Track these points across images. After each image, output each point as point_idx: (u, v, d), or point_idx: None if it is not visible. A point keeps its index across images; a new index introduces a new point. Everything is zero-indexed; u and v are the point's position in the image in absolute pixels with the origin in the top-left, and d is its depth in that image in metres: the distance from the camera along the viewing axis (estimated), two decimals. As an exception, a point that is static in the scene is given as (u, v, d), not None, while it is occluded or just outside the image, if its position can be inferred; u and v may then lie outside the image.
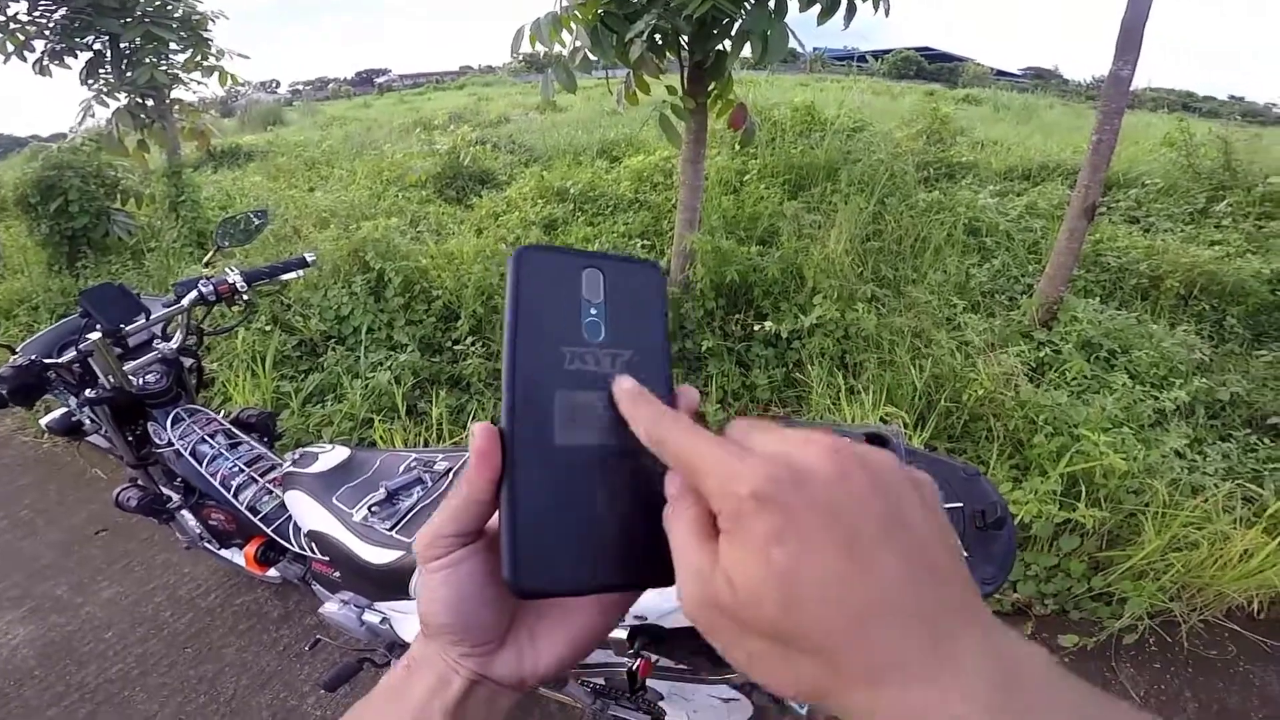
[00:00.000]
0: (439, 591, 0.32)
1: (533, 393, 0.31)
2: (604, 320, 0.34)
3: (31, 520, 2.65)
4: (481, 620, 0.33)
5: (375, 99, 22.51)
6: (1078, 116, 9.79)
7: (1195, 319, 3.14)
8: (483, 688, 0.34)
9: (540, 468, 0.31)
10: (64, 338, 1.47)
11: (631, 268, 0.35)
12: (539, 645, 0.34)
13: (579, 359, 0.32)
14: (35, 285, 4.45)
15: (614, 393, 0.32)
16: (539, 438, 0.31)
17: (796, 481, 0.24)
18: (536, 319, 0.32)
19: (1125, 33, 2.57)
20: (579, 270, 0.34)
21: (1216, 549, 1.88)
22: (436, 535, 0.32)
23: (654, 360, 0.34)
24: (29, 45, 4.76)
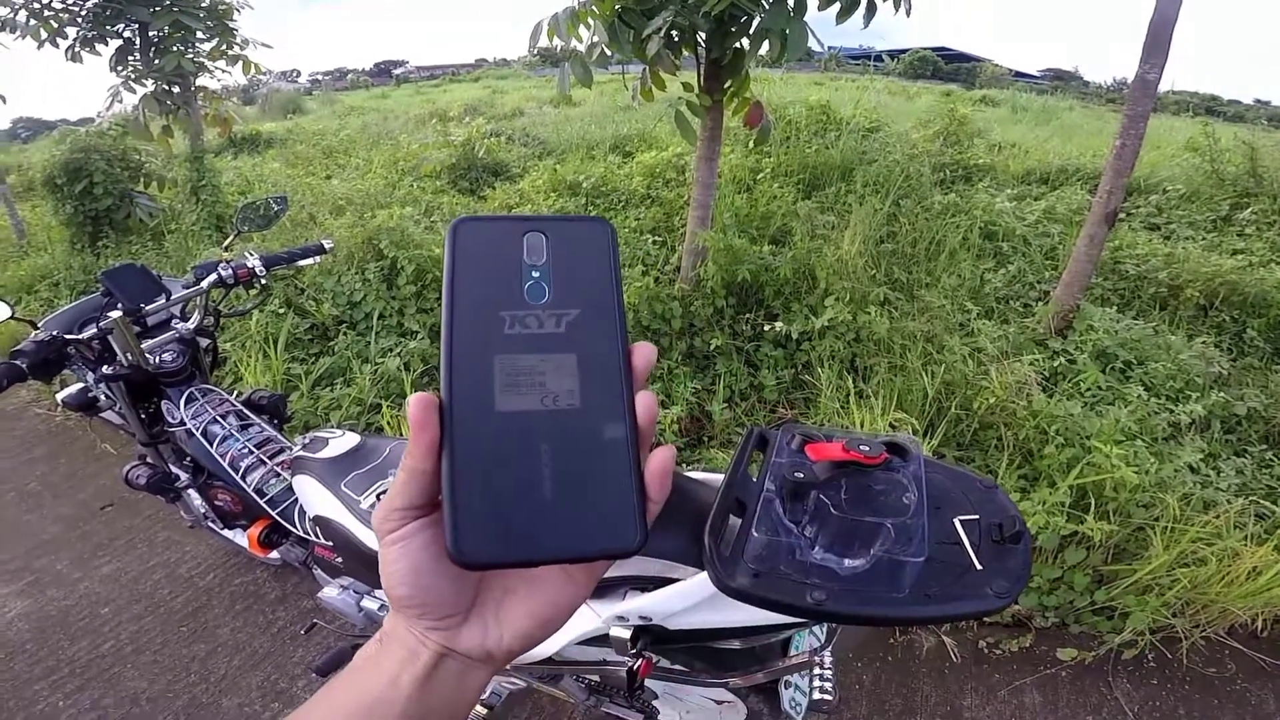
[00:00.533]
0: (396, 565, 0.32)
1: (469, 359, 0.31)
2: (548, 281, 0.32)
3: (39, 493, 2.69)
4: (441, 593, 0.33)
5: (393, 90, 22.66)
6: (1098, 119, 9.67)
7: (1215, 330, 3.09)
8: (451, 660, 0.34)
9: (480, 435, 0.30)
10: (85, 315, 1.49)
11: (578, 226, 0.34)
12: (504, 619, 0.34)
13: (520, 323, 0.32)
14: (57, 263, 4.55)
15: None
16: (478, 405, 0.30)
17: None
18: (473, 286, 0.32)
19: (1153, 35, 2.52)
20: (519, 234, 0.33)
21: (1225, 565, 1.85)
22: (389, 509, 0.32)
23: (604, 317, 0.33)
24: (62, 32, 4.87)
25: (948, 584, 0.54)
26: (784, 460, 0.55)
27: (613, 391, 0.32)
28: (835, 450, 0.55)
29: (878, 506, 0.53)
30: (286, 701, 1.78)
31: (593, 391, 0.31)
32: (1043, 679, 1.80)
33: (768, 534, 0.53)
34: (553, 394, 0.31)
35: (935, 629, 1.93)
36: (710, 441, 2.54)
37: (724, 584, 0.53)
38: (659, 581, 0.79)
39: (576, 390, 0.31)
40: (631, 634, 0.80)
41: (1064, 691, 1.77)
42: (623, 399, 0.32)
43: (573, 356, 0.32)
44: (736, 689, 1.13)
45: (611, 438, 0.31)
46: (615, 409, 0.32)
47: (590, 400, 0.31)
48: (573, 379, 0.31)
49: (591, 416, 0.31)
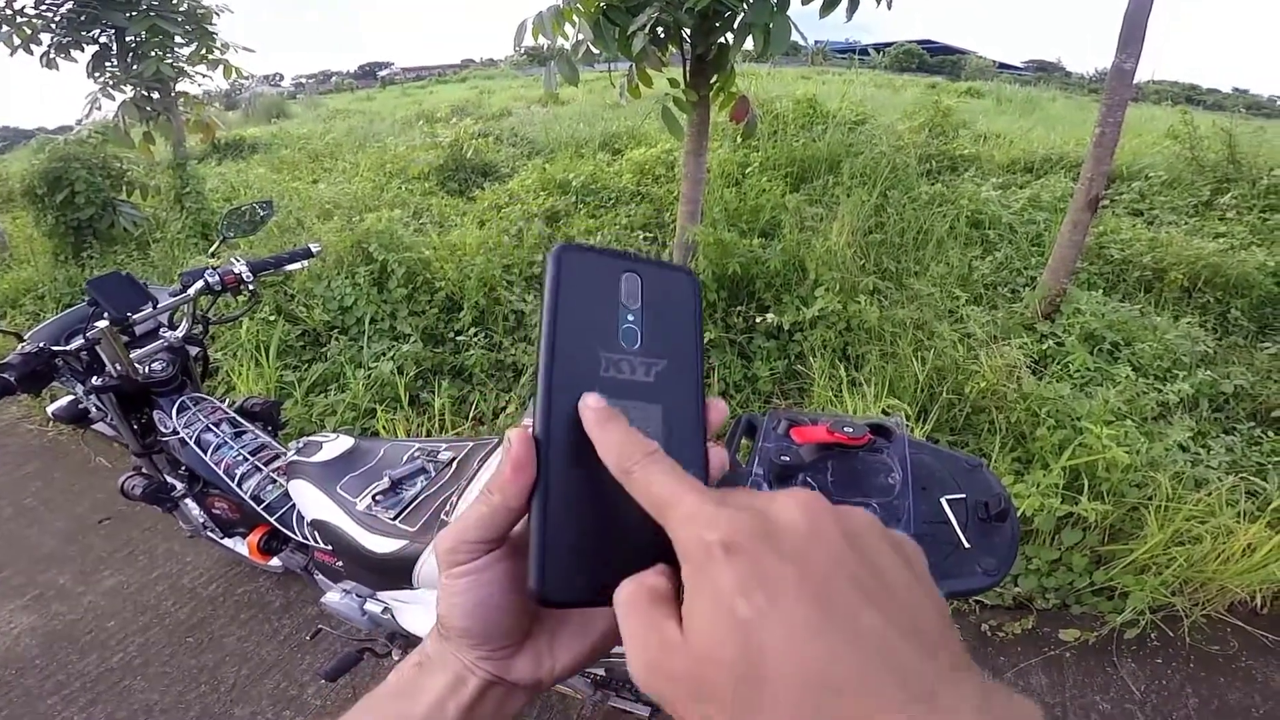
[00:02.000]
0: (460, 597, 0.32)
1: (569, 399, 0.30)
2: (640, 327, 0.33)
3: (36, 508, 2.67)
4: (503, 626, 0.32)
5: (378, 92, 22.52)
6: (1081, 109, 9.73)
7: (1199, 312, 3.13)
8: (498, 688, 0.34)
9: (573, 478, 0.30)
10: (71, 326, 1.49)
11: (668, 274, 0.35)
12: (558, 649, 0.34)
13: (614, 366, 0.32)
14: (41, 275, 4.48)
15: (580, 410, 0.30)
16: (573, 447, 0.30)
17: (768, 533, 0.23)
18: (575, 322, 0.31)
19: (1128, 25, 2.56)
20: (618, 274, 0.33)
21: (1219, 543, 1.87)
22: (460, 540, 0.31)
23: (686, 371, 0.33)
24: (36, 38, 4.79)
25: (937, 562, 0.55)
26: (771, 445, 0.56)
27: (691, 445, 0.33)
28: (820, 433, 0.55)
29: (864, 487, 0.54)
30: (298, 709, 1.78)
31: (673, 443, 0.32)
32: (1048, 660, 1.82)
33: (759, 519, 0.53)
34: None
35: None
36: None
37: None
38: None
39: (660, 440, 0.31)
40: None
41: (1070, 672, 1.79)
42: (699, 453, 0.33)
43: (659, 407, 0.32)
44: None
45: None
46: (692, 462, 0.32)
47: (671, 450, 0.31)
48: (657, 428, 0.32)
49: None
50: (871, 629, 0.21)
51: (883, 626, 0.21)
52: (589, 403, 0.30)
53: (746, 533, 0.23)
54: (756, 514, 0.24)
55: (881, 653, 0.21)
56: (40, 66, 4.89)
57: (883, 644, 0.21)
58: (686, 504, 0.25)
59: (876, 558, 0.24)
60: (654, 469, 0.27)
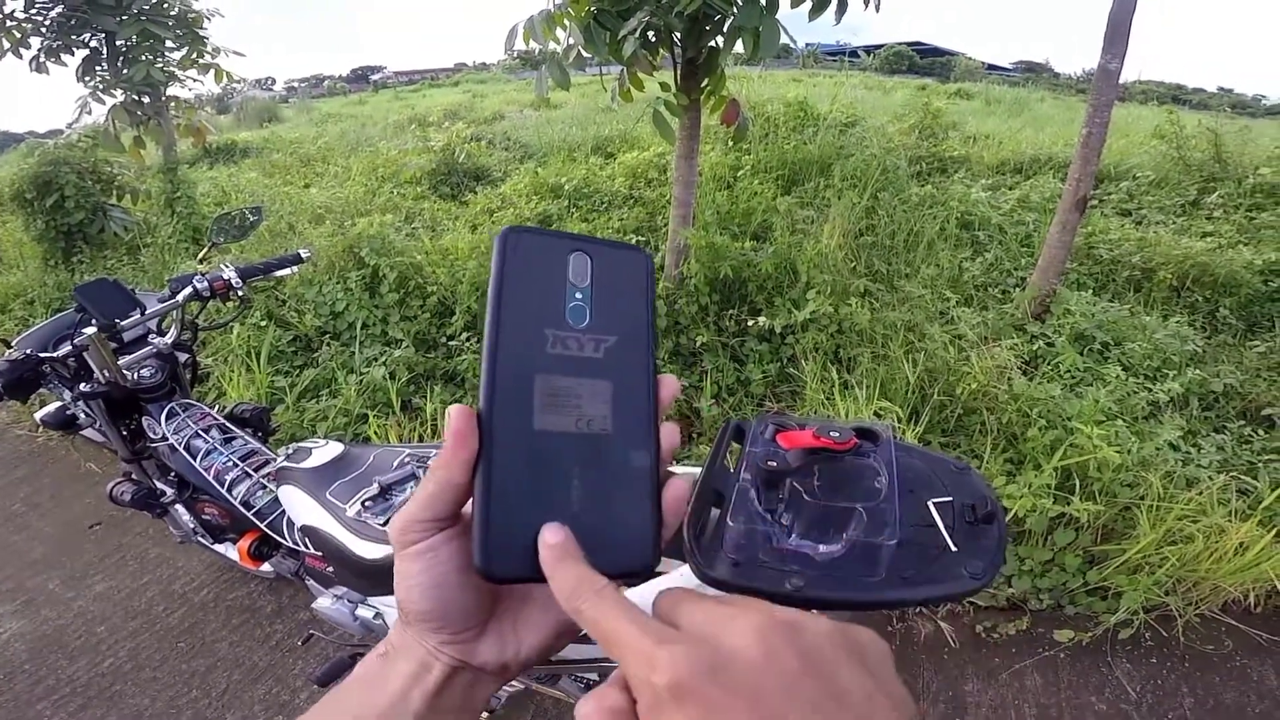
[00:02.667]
0: (416, 578, 0.31)
1: (513, 375, 0.31)
2: (589, 305, 0.33)
3: (25, 515, 2.65)
4: (462, 606, 0.32)
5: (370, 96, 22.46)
6: (1069, 110, 9.81)
7: (1188, 311, 3.16)
8: (464, 674, 0.33)
9: (517, 452, 0.30)
10: (59, 332, 1.48)
11: (619, 253, 0.35)
12: (522, 631, 0.34)
13: (561, 343, 0.32)
14: (31, 280, 4.46)
15: (539, 546, 0.30)
16: (517, 421, 0.30)
17: (716, 668, 0.23)
18: (520, 301, 0.32)
19: (1113, 25, 2.59)
20: (566, 253, 0.33)
21: (1212, 542, 1.87)
22: (411, 520, 0.31)
23: (637, 347, 0.34)
24: (25, 42, 4.77)
25: (923, 566, 0.55)
26: (758, 450, 0.56)
27: (641, 420, 0.33)
28: (805, 437, 0.56)
29: (850, 491, 0.54)
30: (290, 714, 1.78)
31: (623, 419, 0.32)
32: (1042, 661, 1.82)
33: (745, 523, 0.53)
34: (587, 418, 0.32)
35: (931, 614, 1.95)
36: (699, 438, 2.56)
37: (704, 574, 0.54)
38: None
39: (609, 416, 0.32)
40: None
41: (1064, 673, 1.79)
42: (650, 428, 0.33)
43: (608, 383, 0.32)
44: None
45: (637, 465, 0.32)
46: (643, 437, 0.33)
47: (621, 427, 0.32)
48: (606, 405, 0.32)
49: (621, 442, 0.32)
50: None
51: None
52: (547, 539, 0.29)
53: (693, 672, 0.23)
54: (704, 649, 0.24)
55: None
56: (30, 71, 4.86)
57: None
58: (633, 644, 0.25)
59: (835, 675, 0.24)
60: (603, 606, 0.27)
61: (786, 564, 0.55)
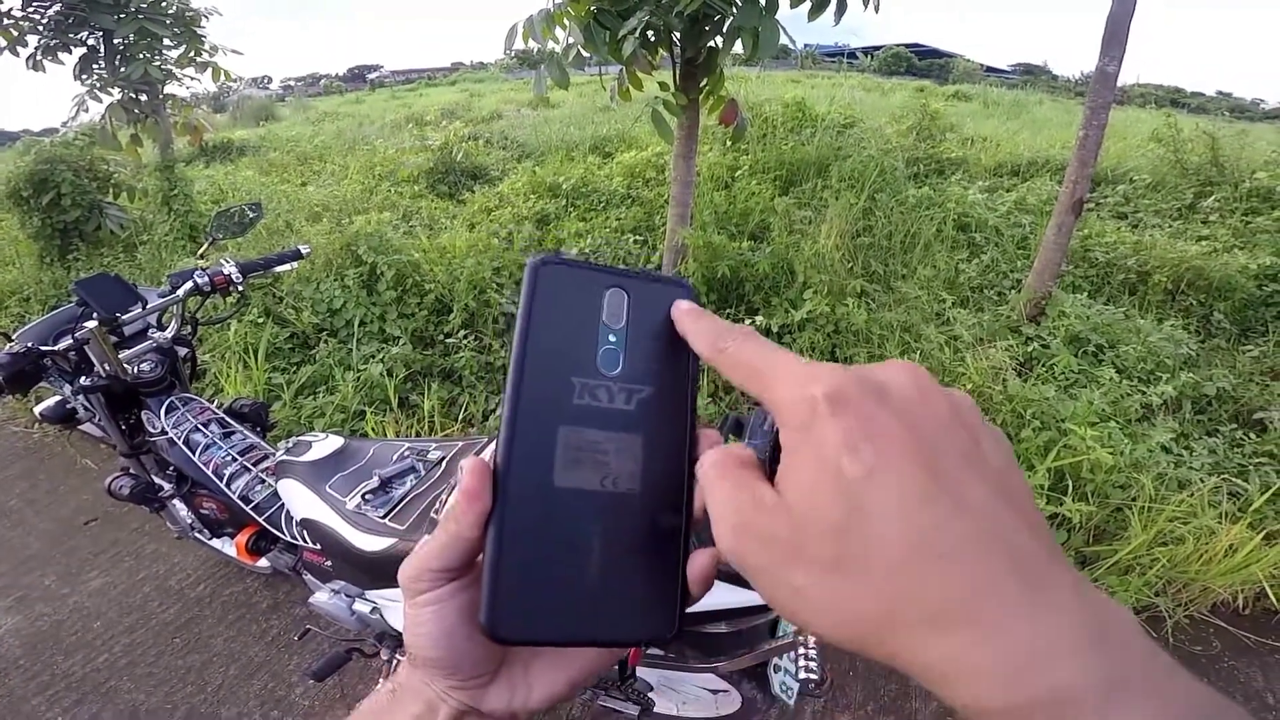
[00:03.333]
0: (426, 627, 0.31)
1: (534, 427, 0.29)
2: (623, 349, 0.30)
3: (21, 510, 2.64)
4: (472, 656, 0.31)
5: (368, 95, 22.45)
6: (1067, 112, 9.86)
7: (1182, 314, 3.18)
8: (470, 717, 0.33)
9: (533, 510, 0.28)
10: (60, 326, 1.48)
11: (660, 289, 0.32)
12: (533, 681, 0.33)
13: (589, 393, 0.29)
14: (27, 277, 4.45)
15: (672, 313, 0.30)
16: (536, 477, 0.29)
17: (877, 391, 0.22)
18: (547, 343, 0.29)
19: (1111, 28, 2.60)
20: (602, 290, 0.31)
21: (1202, 544, 1.89)
22: (422, 569, 0.30)
23: (674, 399, 0.31)
24: (22, 40, 4.75)
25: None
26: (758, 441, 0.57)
27: (673, 479, 0.30)
28: (806, 428, 0.57)
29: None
30: (285, 709, 1.77)
31: (654, 477, 0.30)
32: None
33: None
34: (614, 475, 0.29)
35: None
36: (695, 436, 2.57)
37: (704, 563, 0.54)
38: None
39: (638, 474, 0.30)
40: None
41: None
42: (682, 489, 0.30)
43: (639, 438, 0.30)
44: (728, 675, 1.14)
45: (665, 527, 0.30)
46: (673, 498, 0.30)
47: (650, 486, 0.30)
48: (636, 462, 0.30)
49: (649, 503, 0.30)
50: (981, 501, 0.21)
51: (991, 501, 0.21)
52: (681, 306, 0.30)
53: (854, 386, 0.22)
54: (863, 373, 0.23)
55: (991, 527, 0.20)
56: (27, 69, 4.85)
57: (992, 518, 0.21)
58: (785, 366, 0.24)
59: (980, 437, 0.23)
60: (748, 344, 0.26)
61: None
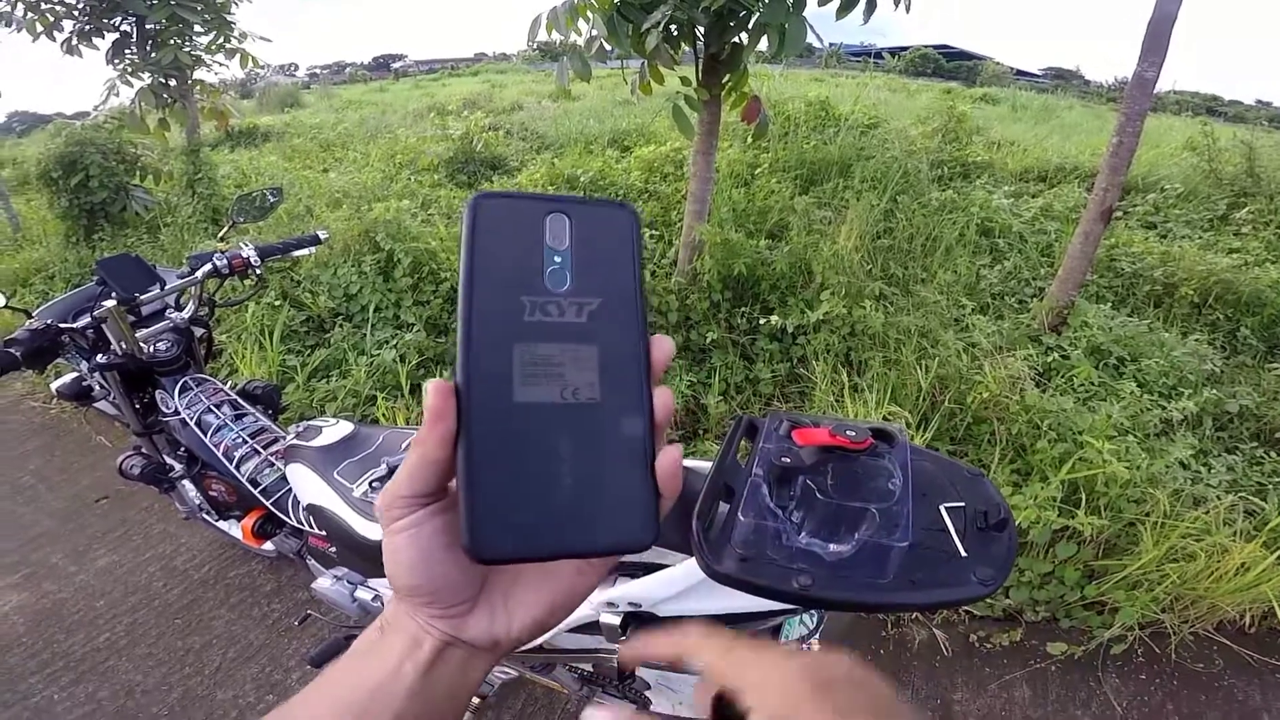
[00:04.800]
0: (403, 554, 0.31)
1: (489, 347, 0.29)
2: (569, 268, 0.31)
3: (34, 486, 2.68)
4: (450, 582, 0.32)
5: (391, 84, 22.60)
6: (1098, 118, 9.68)
7: (1208, 329, 3.11)
8: (456, 649, 0.33)
9: (498, 426, 0.29)
10: (79, 304, 1.49)
11: (601, 210, 0.33)
12: (513, 607, 0.33)
13: (540, 310, 0.30)
14: (52, 256, 4.53)
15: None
16: (496, 394, 0.29)
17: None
18: (493, 269, 0.30)
19: (1152, 33, 2.53)
20: (542, 215, 0.31)
21: (1214, 561, 1.86)
22: (394, 496, 0.31)
23: (624, 309, 0.32)
24: (58, 25, 4.84)
25: (933, 570, 0.54)
26: (771, 446, 0.56)
27: (632, 386, 0.31)
28: (821, 435, 0.55)
29: (863, 492, 0.53)
30: (281, 694, 1.78)
31: (612, 386, 0.31)
32: (1032, 673, 1.81)
33: (754, 519, 0.53)
34: (572, 386, 0.30)
35: (926, 620, 1.94)
36: (705, 434, 2.55)
37: (711, 569, 0.53)
38: (649, 567, 0.80)
39: (596, 384, 0.30)
40: (621, 620, 0.80)
41: (1053, 686, 1.78)
42: (642, 394, 0.31)
43: (594, 348, 0.31)
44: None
45: (629, 434, 0.31)
46: (634, 404, 0.31)
47: (609, 394, 0.31)
48: (593, 372, 0.30)
49: (610, 411, 0.30)
50: None
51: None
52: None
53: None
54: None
55: None
56: (61, 53, 4.94)
57: None
58: None
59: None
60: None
61: (795, 562, 0.54)
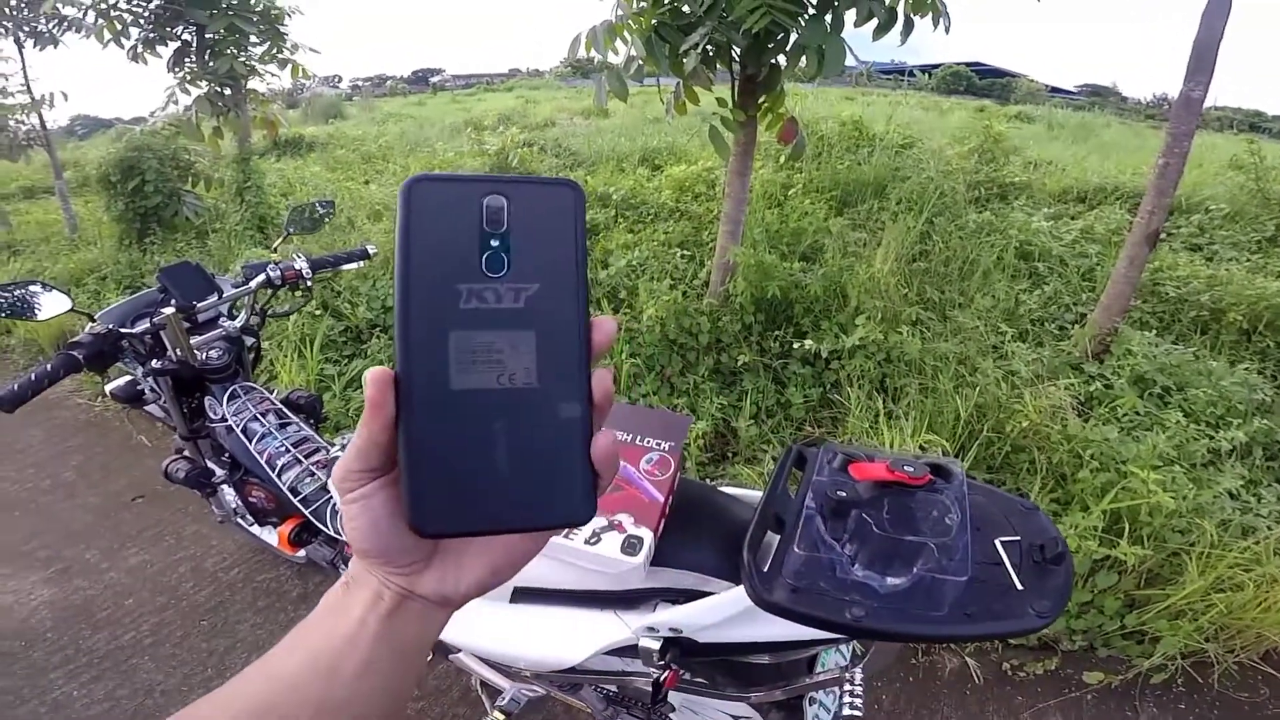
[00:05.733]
0: (357, 520, 0.34)
1: (425, 336, 0.30)
2: (507, 252, 0.31)
3: (74, 483, 2.74)
4: (401, 545, 0.34)
5: (429, 97, 23.15)
6: (1137, 136, 9.47)
7: (1258, 356, 3.00)
8: (413, 602, 0.36)
9: (435, 413, 0.30)
10: (139, 309, 1.54)
11: (542, 190, 0.32)
12: (463, 567, 0.36)
13: (477, 296, 0.30)
14: (105, 257, 4.72)
15: None
16: (433, 382, 0.30)
17: None
18: (429, 256, 0.30)
19: (1198, 53, 2.48)
20: (479, 198, 0.31)
21: (1263, 591, 1.80)
22: (346, 470, 0.33)
23: (563, 292, 0.32)
24: (125, 33, 5.05)
25: (988, 603, 0.54)
26: (825, 478, 0.56)
27: (570, 371, 0.32)
28: (879, 470, 0.55)
29: (920, 526, 0.53)
30: (300, 697, 1.80)
31: (550, 370, 0.31)
32: (1067, 702, 1.77)
33: (808, 550, 0.53)
34: (510, 372, 0.31)
35: (959, 650, 1.90)
36: (735, 458, 2.54)
37: (762, 598, 0.53)
38: (690, 595, 0.80)
39: (534, 369, 0.31)
40: (660, 645, 0.80)
41: (1088, 715, 1.74)
42: (579, 379, 0.32)
43: (531, 334, 0.31)
44: (759, 704, 1.12)
45: (566, 417, 0.32)
46: (571, 389, 0.32)
47: (547, 379, 0.31)
48: (530, 357, 0.31)
49: (548, 395, 0.31)
50: None
51: None
52: None
53: None
54: None
55: None
56: (128, 60, 5.16)
57: None
58: None
59: None
60: None
61: (848, 594, 0.54)
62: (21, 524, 2.50)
